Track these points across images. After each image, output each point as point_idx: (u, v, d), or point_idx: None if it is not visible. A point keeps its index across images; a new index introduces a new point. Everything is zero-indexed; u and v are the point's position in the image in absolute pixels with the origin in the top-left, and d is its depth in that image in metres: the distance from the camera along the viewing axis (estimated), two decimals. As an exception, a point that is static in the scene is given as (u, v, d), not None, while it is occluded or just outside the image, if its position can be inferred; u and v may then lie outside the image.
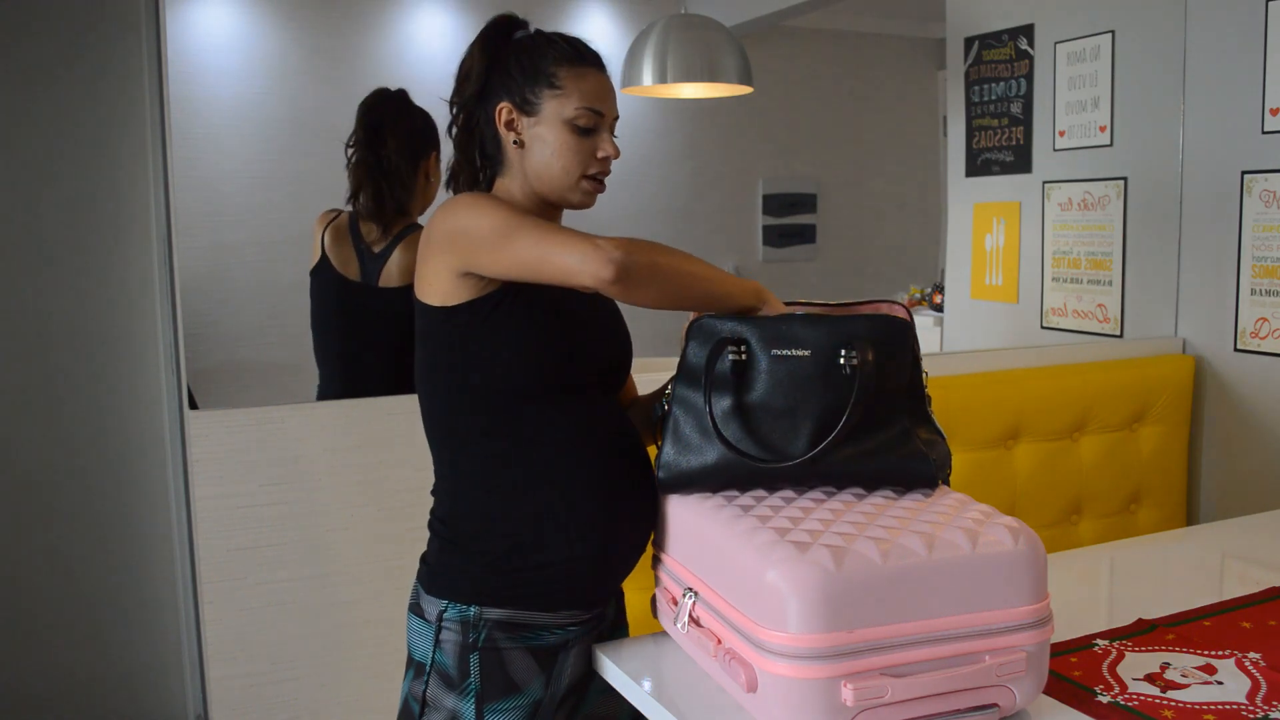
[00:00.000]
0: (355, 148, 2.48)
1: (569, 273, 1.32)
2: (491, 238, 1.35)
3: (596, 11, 4.70)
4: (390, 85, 2.64)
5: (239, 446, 2.18)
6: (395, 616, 2.26)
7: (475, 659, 1.42)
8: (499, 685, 1.42)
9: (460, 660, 1.42)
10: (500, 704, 1.42)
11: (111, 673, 2.48)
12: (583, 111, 1.41)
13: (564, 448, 1.42)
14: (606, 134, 1.45)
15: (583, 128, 1.42)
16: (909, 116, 5.98)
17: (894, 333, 1.37)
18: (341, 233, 2.47)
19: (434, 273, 1.40)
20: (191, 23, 3.97)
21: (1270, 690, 1.30)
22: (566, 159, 1.42)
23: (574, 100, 1.41)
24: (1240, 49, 2.66)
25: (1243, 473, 2.74)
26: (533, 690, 1.43)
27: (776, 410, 1.36)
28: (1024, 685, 1.20)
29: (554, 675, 1.45)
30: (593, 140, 1.43)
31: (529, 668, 1.43)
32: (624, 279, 1.31)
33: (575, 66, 1.43)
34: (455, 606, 1.42)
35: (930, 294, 4.63)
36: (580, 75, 1.42)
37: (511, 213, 1.36)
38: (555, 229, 1.35)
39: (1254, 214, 2.65)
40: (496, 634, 1.42)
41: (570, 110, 1.41)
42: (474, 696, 1.42)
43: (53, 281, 2.40)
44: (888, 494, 1.36)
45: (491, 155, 1.48)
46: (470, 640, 1.42)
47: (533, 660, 1.43)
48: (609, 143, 1.44)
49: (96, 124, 2.38)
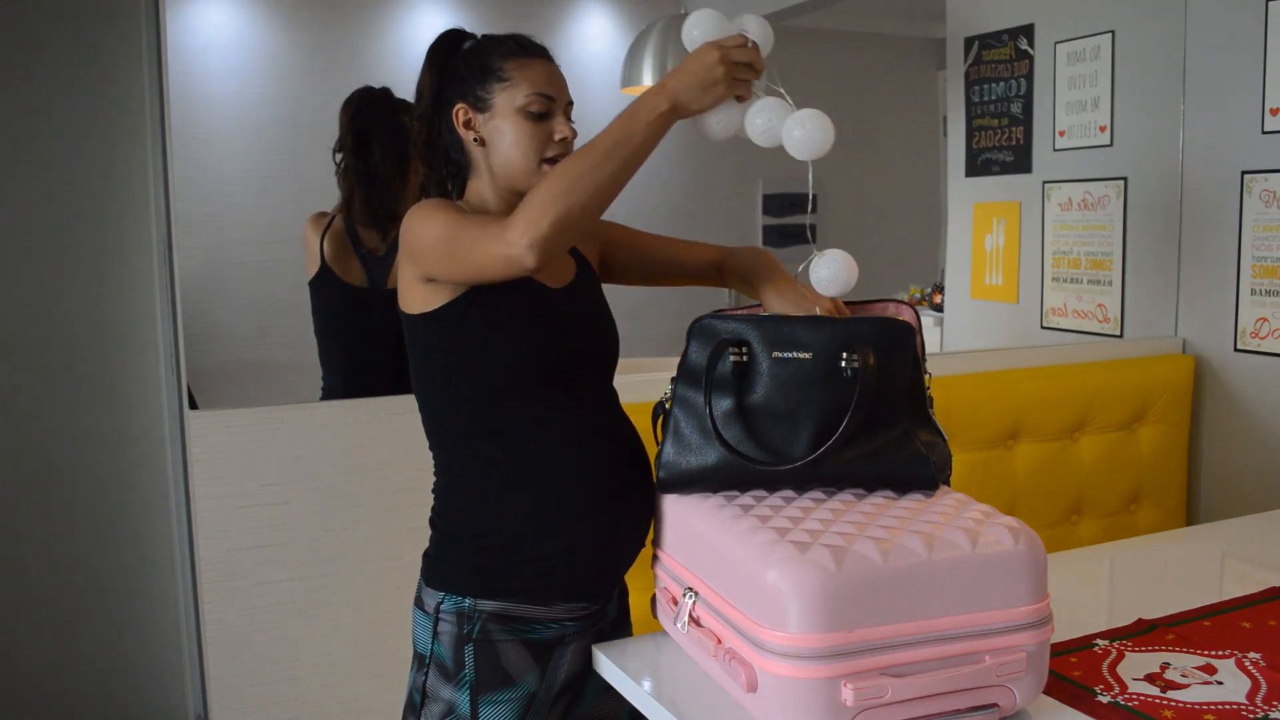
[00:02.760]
0: (343, 154, 2.48)
1: (503, 274, 1.34)
2: (437, 247, 1.36)
3: (596, 11, 4.70)
4: (390, 86, 2.64)
5: (239, 446, 2.18)
6: (395, 616, 2.26)
7: (470, 650, 1.43)
8: (493, 677, 1.43)
9: (456, 651, 1.44)
10: (495, 695, 1.44)
11: (111, 672, 2.48)
12: (533, 98, 1.43)
13: (550, 445, 1.43)
14: (561, 117, 1.46)
15: (536, 113, 1.44)
16: (909, 116, 5.97)
17: (896, 335, 1.37)
18: (340, 240, 2.46)
19: (406, 282, 1.44)
20: (191, 23, 3.97)
21: (1270, 690, 1.30)
22: (524, 145, 1.44)
23: (523, 89, 1.44)
24: (1240, 49, 2.66)
25: (1243, 473, 2.74)
26: (527, 683, 1.45)
27: (777, 412, 1.36)
28: (1024, 685, 1.20)
29: (550, 669, 1.46)
30: (548, 125, 1.45)
31: (523, 660, 1.44)
32: (546, 251, 1.30)
33: (520, 58, 1.45)
34: (451, 598, 1.45)
35: (930, 294, 4.63)
36: (525, 65, 1.45)
37: (450, 219, 1.37)
38: (481, 232, 1.34)
39: (1254, 214, 2.65)
40: (491, 626, 1.43)
41: (521, 99, 1.43)
42: (469, 688, 1.44)
43: (53, 281, 2.40)
44: (888, 494, 1.36)
45: (458, 160, 1.50)
46: (465, 632, 1.44)
47: (527, 653, 1.44)
48: (564, 124, 1.46)
49: (96, 124, 2.38)
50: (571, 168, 1.31)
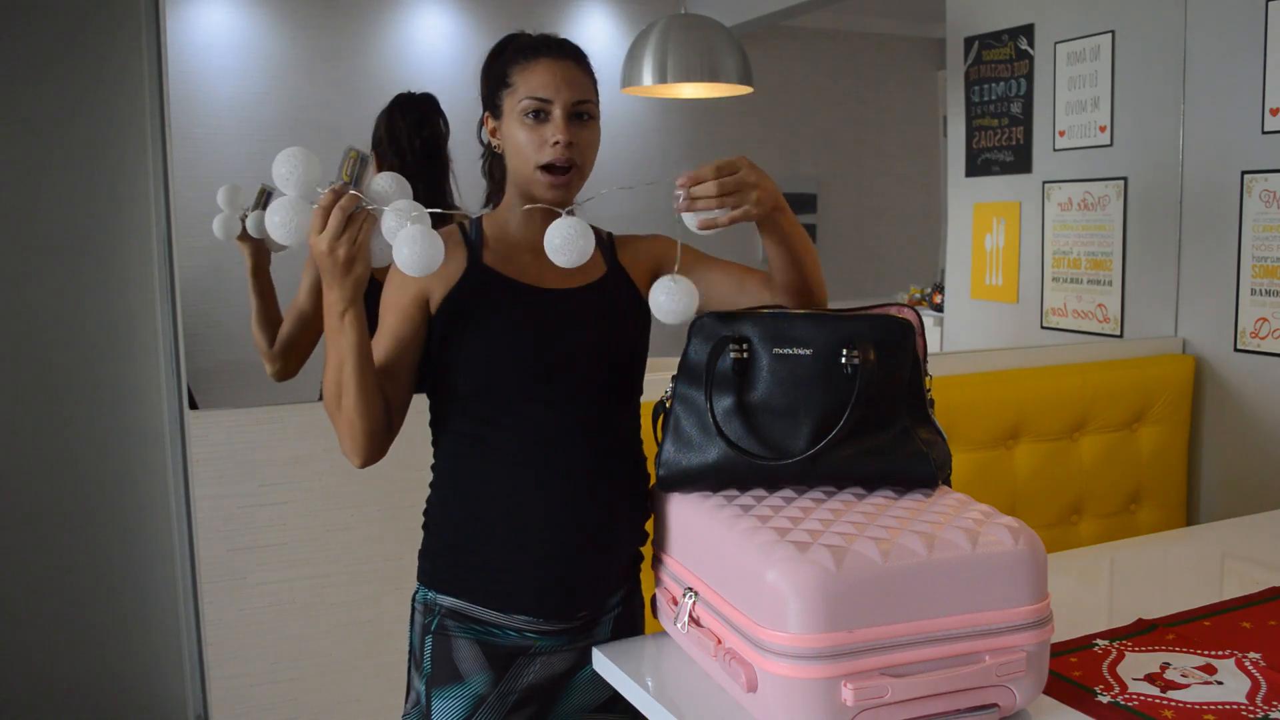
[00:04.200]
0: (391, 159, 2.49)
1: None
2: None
3: (596, 11, 4.70)
4: (391, 86, 2.64)
5: (239, 446, 2.18)
6: (395, 616, 2.27)
7: (429, 642, 1.46)
8: (445, 671, 1.45)
9: (420, 642, 1.48)
10: (445, 690, 1.45)
11: (111, 673, 2.48)
12: (530, 101, 1.40)
13: (509, 452, 1.43)
14: (558, 120, 1.40)
15: (532, 118, 1.41)
16: (909, 116, 5.98)
17: (895, 333, 1.37)
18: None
19: None
20: (191, 23, 3.97)
21: (1270, 690, 1.30)
22: (522, 151, 1.42)
23: (520, 93, 1.42)
24: (1240, 49, 2.66)
25: (1243, 473, 2.74)
26: (475, 684, 1.45)
27: (777, 409, 1.36)
28: (1024, 685, 1.20)
29: (507, 676, 1.46)
30: (543, 128, 1.41)
31: (475, 659, 1.45)
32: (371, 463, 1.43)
33: (527, 61, 1.43)
34: (421, 589, 1.50)
35: (930, 294, 4.63)
36: (528, 68, 1.42)
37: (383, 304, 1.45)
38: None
39: (1254, 214, 2.65)
40: (448, 621, 1.46)
41: (520, 103, 1.41)
42: (426, 679, 1.46)
43: (53, 281, 2.40)
44: (888, 494, 1.36)
45: (497, 172, 1.52)
46: (427, 623, 1.47)
47: (480, 653, 1.45)
48: (559, 128, 1.39)
49: (96, 124, 2.38)
50: (327, 396, 1.38)
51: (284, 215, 1.27)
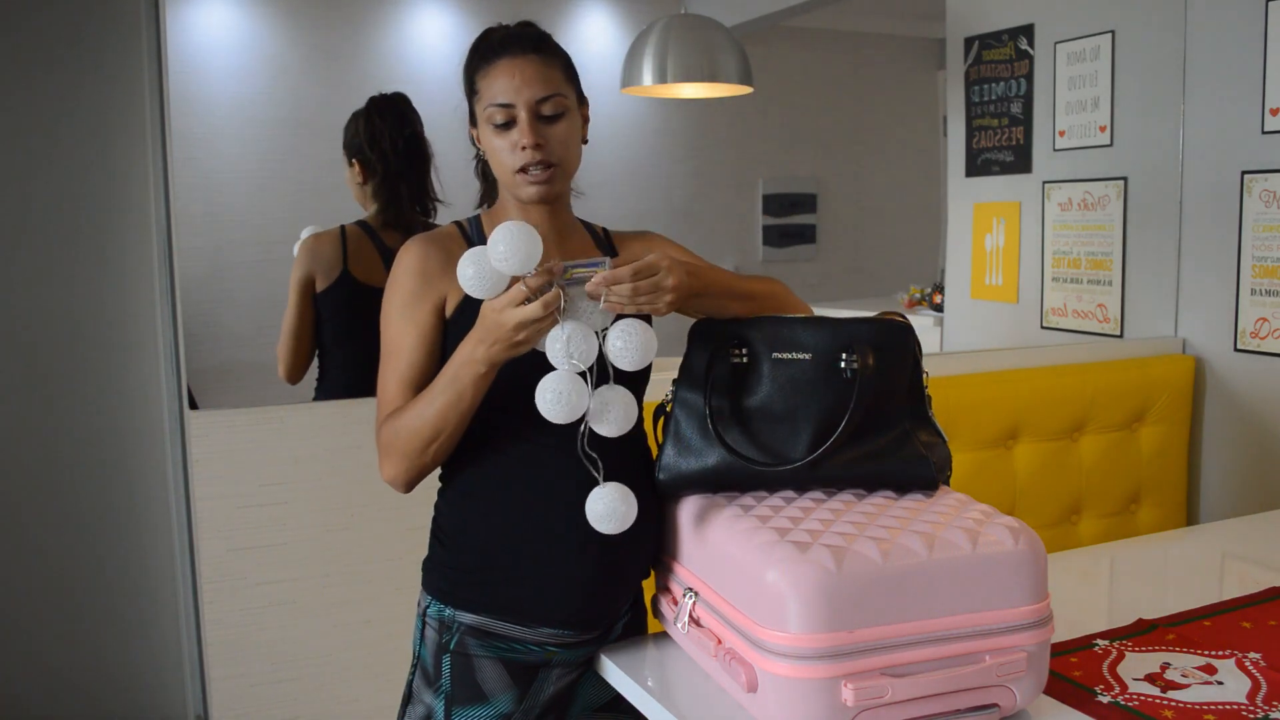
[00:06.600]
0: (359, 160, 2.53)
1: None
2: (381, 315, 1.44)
3: (596, 11, 4.70)
4: (390, 86, 2.65)
5: (239, 446, 2.18)
6: (395, 616, 2.27)
7: (447, 661, 1.42)
8: (467, 691, 1.42)
9: (436, 659, 1.43)
10: (468, 710, 1.42)
11: (111, 673, 2.48)
12: (493, 109, 1.39)
13: (529, 464, 1.40)
14: (523, 124, 1.38)
15: (499, 124, 1.39)
16: (909, 116, 5.98)
17: (895, 336, 1.37)
18: (364, 245, 2.50)
19: None
20: (191, 23, 3.97)
21: (1270, 690, 1.30)
22: (499, 159, 1.41)
23: (484, 100, 1.40)
24: (1240, 49, 2.66)
25: (1243, 473, 2.74)
26: (501, 703, 1.42)
27: (777, 414, 1.36)
28: (1024, 685, 1.20)
29: (531, 692, 1.44)
30: (512, 134, 1.39)
31: (500, 679, 1.42)
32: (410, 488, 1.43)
33: (487, 65, 1.41)
34: (436, 604, 1.44)
35: (930, 294, 4.63)
36: (488, 73, 1.40)
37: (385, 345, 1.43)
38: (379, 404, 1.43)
39: (1254, 214, 2.65)
40: (468, 639, 1.41)
41: (485, 112, 1.40)
42: (445, 698, 1.43)
43: (52, 281, 2.40)
44: (888, 494, 1.36)
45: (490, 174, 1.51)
46: (444, 641, 1.43)
47: (505, 672, 1.42)
48: (524, 132, 1.37)
49: (96, 124, 2.38)
50: (416, 433, 1.35)
51: (476, 269, 1.26)
